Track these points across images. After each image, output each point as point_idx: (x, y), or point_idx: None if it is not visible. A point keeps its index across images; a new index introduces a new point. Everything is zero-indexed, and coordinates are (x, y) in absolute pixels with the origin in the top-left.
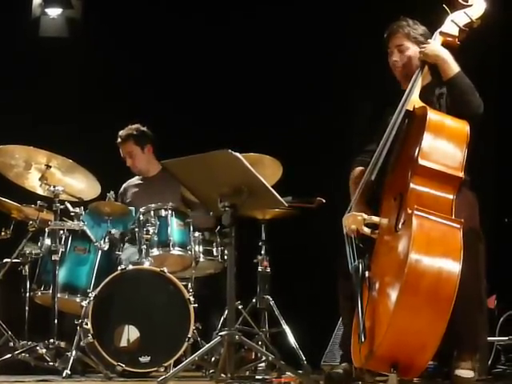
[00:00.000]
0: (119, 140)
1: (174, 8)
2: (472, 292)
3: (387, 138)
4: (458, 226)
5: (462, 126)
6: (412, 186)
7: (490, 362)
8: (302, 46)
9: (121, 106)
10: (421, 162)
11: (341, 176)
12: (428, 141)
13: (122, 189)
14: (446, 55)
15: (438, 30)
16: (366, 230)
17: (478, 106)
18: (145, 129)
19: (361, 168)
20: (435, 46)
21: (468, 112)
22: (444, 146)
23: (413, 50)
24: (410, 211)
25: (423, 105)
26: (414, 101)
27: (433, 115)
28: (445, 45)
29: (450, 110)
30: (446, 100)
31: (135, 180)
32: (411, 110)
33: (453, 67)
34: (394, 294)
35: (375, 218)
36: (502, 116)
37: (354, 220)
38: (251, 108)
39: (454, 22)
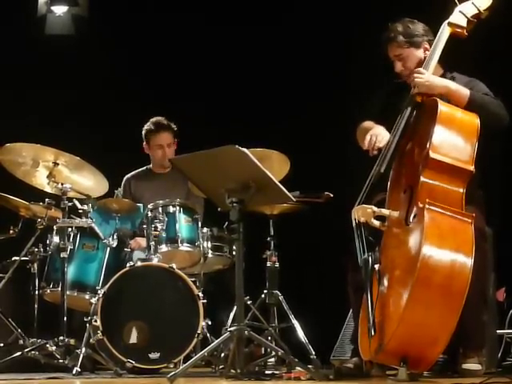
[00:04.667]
0: (159, 128)
1: (180, 5)
2: (477, 292)
3: (396, 130)
4: (470, 220)
5: (473, 119)
6: (423, 179)
7: (499, 355)
8: (312, 40)
9: (127, 103)
10: (432, 155)
11: (348, 171)
12: (439, 134)
13: (124, 180)
14: (452, 84)
15: (446, 21)
16: (376, 223)
17: (503, 118)
18: None
19: (370, 122)
20: (437, 79)
21: (496, 125)
22: (455, 139)
23: (414, 54)
24: (421, 205)
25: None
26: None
27: (444, 107)
28: (453, 36)
29: None
30: None
31: (141, 174)
32: (420, 101)
33: (463, 93)
34: (405, 288)
35: (385, 211)
36: (508, 107)
37: (364, 212)
38: (258, 103)
39: (462, 13)
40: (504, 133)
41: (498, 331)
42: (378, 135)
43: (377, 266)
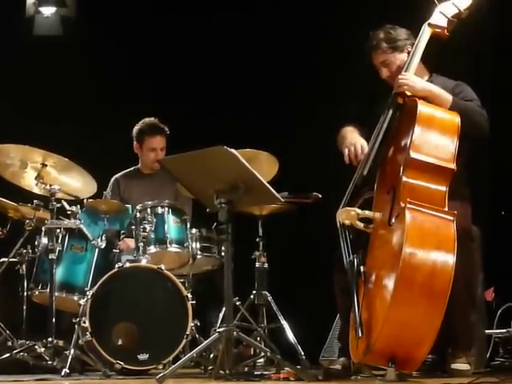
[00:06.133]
0: (155, 131)
1: (168, 5)
2: (464, 292)
3: (378, 132)
4: (451, 217)
5: (453, 118)
6: (404, 179)
7: (488, 355)
8: (300, 41)
9: (116, 104)
10: (412, 154)
11: (337, 171)
12: (419, 133)
13: (113, 180)
14: (436, 89)
15: (427, 22)
16: (360, 225)
17: (483, 125)
18: None
19: (351, 127)
20: (420, 81)
21: (476, 134)
22: (435, 138)
23: (398, 58)
24: (402, 204)
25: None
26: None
27: (423, 107)
28: (434, 36)
29: None
30: None
31: (130, 174)
32: (401, 102)
33: (445, 98)
34: (389, 288)
35: (368, 213)
36: (497, 107)
37: (348, 215)
38: (247, 104)
39: (442, 14)
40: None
41: (486, 331)
42: (355, 145)
43: (362, 268)
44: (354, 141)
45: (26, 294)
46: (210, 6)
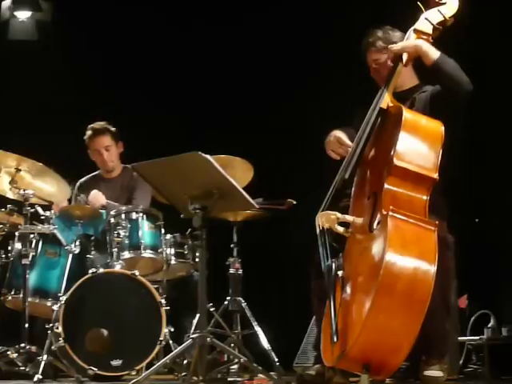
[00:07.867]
0: (94, 132)
1: (143, 9)
2: (439, 300)
3: (361, 136)
4: (433, 227)
5: (437, 126)
6: (387, 186)
7: (461, 362)
8: (277, 49)
9: (90, 108)
10: (396, 162)
11: (311, 178)
12: (403, 141)
13: (77, 186)
14: (424, 43)
15: (412, 28)
16: (340, 229)
17: (467, 82)
18: None
19: (339, 131)
20: (407, 41)
21: (460, 90)
22: (419, 146)
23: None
24: (385, 212)
25: (398, 104)
26: (388, 99)
27: (408, 115)
28: None
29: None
30: (424, 104)
31: (93, 178)
32: (385, 108)
33: (433, 52)
34: (368, 295)
35: (349, 217)
36: (472, 115)
37: (327, 219)
38: (222, 110)
39: (427, 20)
40: (465, 140)
41: (459, 338)
42: (333, 143)
43: (340, 273)
44: (330, 140)
45: None
46: (191, 14)
